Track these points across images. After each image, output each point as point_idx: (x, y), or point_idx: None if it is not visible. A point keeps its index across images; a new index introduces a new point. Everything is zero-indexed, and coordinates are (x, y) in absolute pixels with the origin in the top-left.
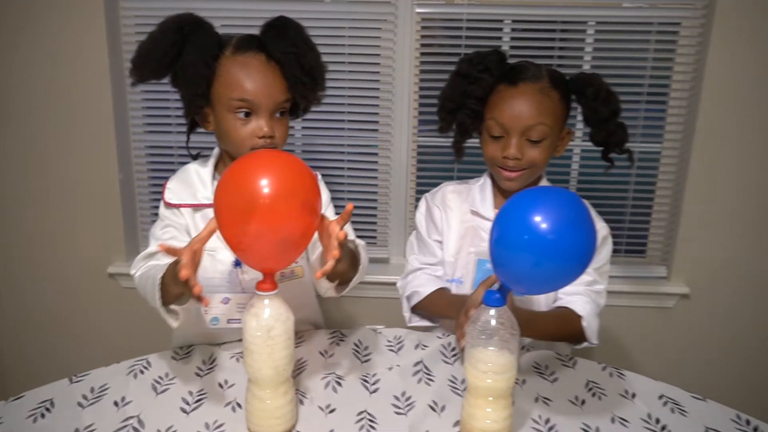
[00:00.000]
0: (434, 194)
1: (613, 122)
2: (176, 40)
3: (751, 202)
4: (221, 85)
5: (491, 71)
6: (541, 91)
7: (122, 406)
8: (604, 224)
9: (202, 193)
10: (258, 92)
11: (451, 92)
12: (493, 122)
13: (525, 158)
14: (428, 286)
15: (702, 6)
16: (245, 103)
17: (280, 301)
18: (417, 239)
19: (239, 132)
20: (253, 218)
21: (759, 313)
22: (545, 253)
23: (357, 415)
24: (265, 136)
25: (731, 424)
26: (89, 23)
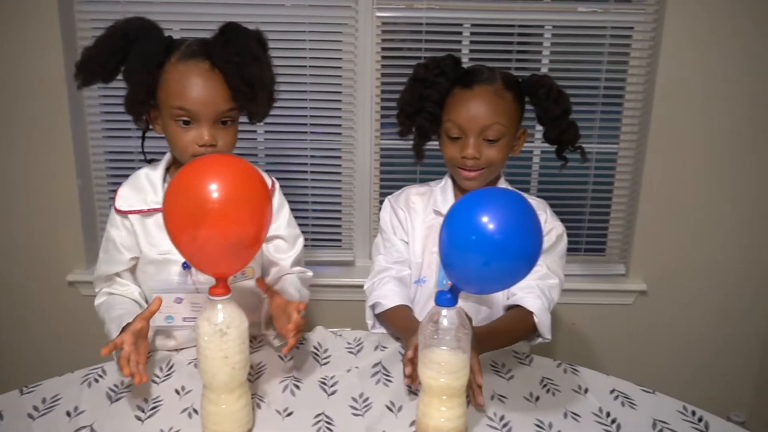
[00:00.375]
0: (397, 197)
1: (564, 120)
2: (121, 45)
3: (704, 200)
4: (164, 92)
5: (447, 75)
6: (495, 93)
7: (75, 416)
8: (560, 224)
9: (152, 197)
10: (198, 101)
11: (409, 97)
12: (450, 124)
13: (483, 158)
14: (391, 299)
15: (653, 11)
16: (184, 111)
17: (233, 305)
18: (382, 239)
19: (180, 139)
20: (202, 223)
21: (713, 308)
22: (493, 253)
23: (314, 418)
24: (205, 145)
25: (678, 415)
26: (43, 26)
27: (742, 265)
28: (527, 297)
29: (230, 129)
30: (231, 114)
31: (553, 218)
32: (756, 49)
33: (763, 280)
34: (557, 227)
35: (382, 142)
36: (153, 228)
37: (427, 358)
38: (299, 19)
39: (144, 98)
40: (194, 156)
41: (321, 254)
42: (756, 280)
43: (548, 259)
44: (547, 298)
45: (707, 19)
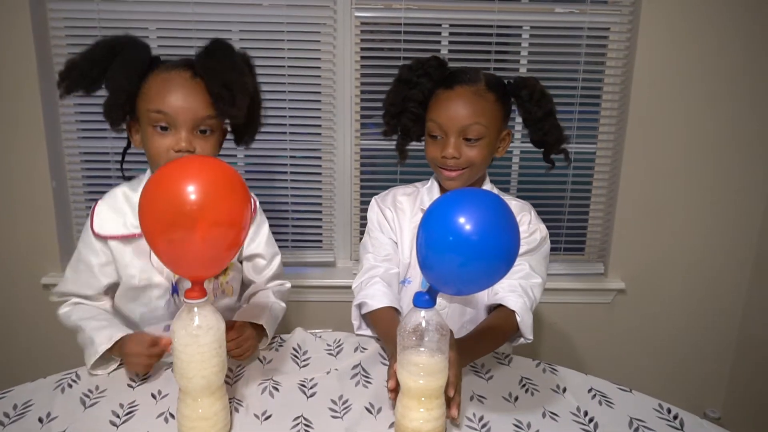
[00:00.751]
0: (384, 197)
1: (548, 122)
2: (105, 55)
3: (681, 199)
4: (143, 99)
5: (430, 76)
6: (476, 93)
7: (47, 422)
8: (544, 227)
9: (131, 220)
10: (176, 105)
11: (393, 97)
12: (432, 124)
13: (463, 157)
14: (378, 300)
15: (629, 12)
16: (162, 115)
17: (210, 308)
18: (370, 238)
19: (156, 144)
20: (180, 225)
21: (689, 306)
22: (470, 253)
23: (293, 421)
24: (182, 150)
25: (653, 413)
26: (15, 25)
27: (717, 264)
28: (509, 296)
29: (209, 139)
30: (210, 122)
31: (537, 221)
32: (732, 47)
33: (736, 279)
34: (541, 229)
35: (362, 142)
36: (135, 258)
37: (406, 360)
38: (277, 19)
39: (122, 103)
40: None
41: (302, 255)
42: (730, 278)
43: (532, 259)
44: (530, 297)
45: (682, 19)
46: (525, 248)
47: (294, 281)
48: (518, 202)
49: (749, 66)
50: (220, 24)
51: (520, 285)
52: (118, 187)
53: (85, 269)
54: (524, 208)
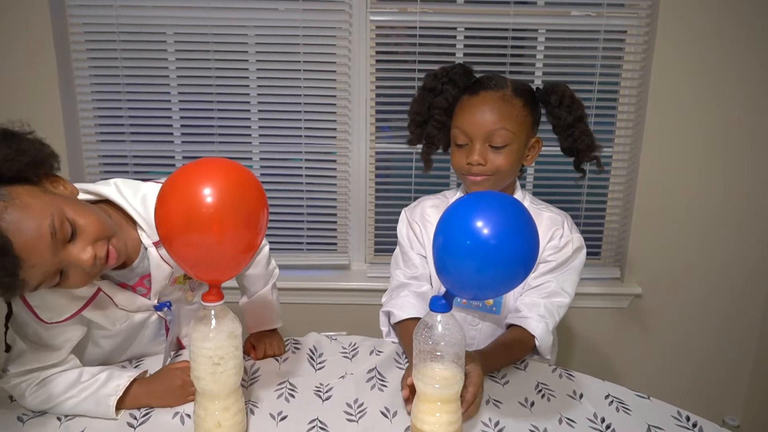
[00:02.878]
0: (413, 210)
1: (578, 128)
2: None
3: (699, 203)
4: None
5: (455, 83)
6: (502, 98)
7: (65, 421)
8: (579, 236)
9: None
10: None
11: (418, 106)
12: (457, 131)
13: (489, 164)
14: (406, 311)
15: (646, 15)
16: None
17: (227, 311)
18: (401, 253)
19: (71, 283)
20: (196, 229)
21: (707, 311)
22: (488, 258)
23: (308, 423)
24: (91, 260)
25: (672, 421)
26: (35, 30)
27: (736, 269)
28: (530, 318)
29: (86, 229)
30: (67, 228)
31: (572, 230)
32: (749, 51)
33: (756, 284)
34: (575, 240)
35: (377, 145)
36: (103, 308)
37: (422, 365)
38: (293, 23)
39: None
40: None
41: (316, 258)
42: (749, 283)
43: (561, 276)
44: (552, 318)
45: (700, 22)
46: (554, 263)
47: (308, 284)
48: (553, 213)
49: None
50: (237, 28)
51: (544, 305)
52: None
53: (42, 344)
54: (557, 221)
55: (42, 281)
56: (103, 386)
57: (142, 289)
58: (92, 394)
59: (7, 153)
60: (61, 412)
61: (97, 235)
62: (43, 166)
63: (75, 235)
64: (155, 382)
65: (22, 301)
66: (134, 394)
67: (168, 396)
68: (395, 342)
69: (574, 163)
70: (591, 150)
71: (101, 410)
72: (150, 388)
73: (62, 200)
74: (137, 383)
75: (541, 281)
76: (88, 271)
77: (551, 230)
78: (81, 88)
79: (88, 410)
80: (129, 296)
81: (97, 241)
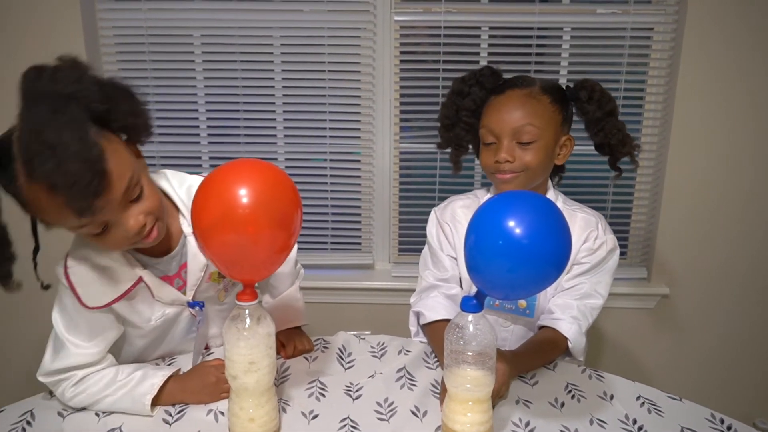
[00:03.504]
0: (443, 210)
1: (608, 122)
2: None
3: (727, 202)
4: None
5: (482, 84)
6: (528, 95)
7: (103, 417)
8: (613, 237)
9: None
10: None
11: (447, 110)
12: (484, 130)
13: (517, 161)
14: (436, 312)
15: (673, 11)
16: (88, 228)
17: (261, 310)
18: (430, 254)
19: (109, 243)
20: (232, 228)
21: (737, 311)
22: (520, 258)
23: (340, 422)
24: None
25: (706, 423)
26: (66, 32)
27: (766, 269)
28: (562, 320)
29: (148, 194)
30: (134, 190)
31: (606, 232)
32: None
33: None
34: (609, 241)
35: (401, 145)
36: (140, 301)
37: (453, 365)
38: (318, 24)
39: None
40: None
41: (340, 257)
42: None
43: (595, 277)
44: (585, 320)
45: (729, 18)
46: (587, 265)
47: (332, 283)
48: (587, 214)
49: None
50: (262, 30)
51: (577, 307)
52: (78, 249)
53: (82, 338)
54: (591, 222)
55: (90, 222)
56: (138, 385)
57: (179, 281)
58: (128, 392)
59: (130, 108)
60: (99, 409)
61: (151, 209)
62: (145, 134)
63: (137, 201)
64: (189, 380)
65: (67, 281)
66: (169, 392)
67: (202, 393)
68: (423, 342)
69: (610, 162)
70: (624, 145)
71: (137, 408)
72: (184, 385)
73: (141, 166)
74: (172, 380)
75: (574, 283)
76: (129, 236)
77: (586, 232)
78: None
79: (125, 408)
80: (166, 288)
81: (149, 215)
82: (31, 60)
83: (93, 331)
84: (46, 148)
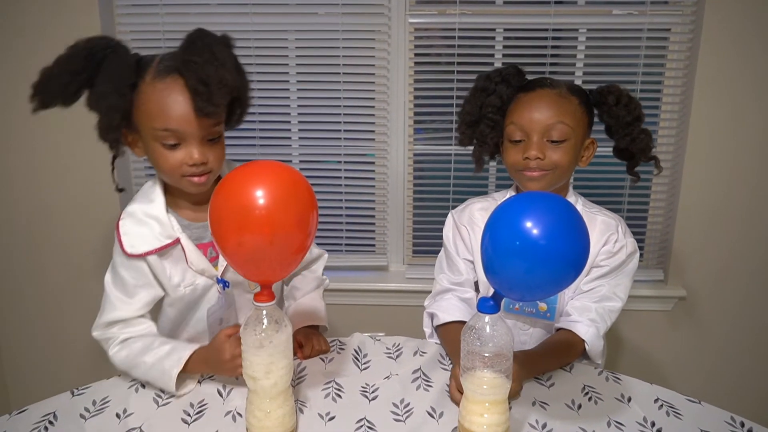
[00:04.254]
0: (461, 212)
1: (636, 127)
2: (86, 65)
3: (745, 203)
4: (143, 114)
5: (509, 82)
6: (559, 95)
7: (124, 417)
8: (632, 240)
9: (161, 232)
10: (183, 119)
11: (470, 107)
12: (513, 126)
13: (547, 159)
14: (450, 314)
15: (690, 12)
16: (170, 132)
17: (278, 311)
18: (446, 257)
19: (168, 161)
20: (249, 229)
21: (755, 313)
22: (537, 259)
23: (356, 423)
24: (196, 164)
25: (726, 427)
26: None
27: None
28: (580, 323)
29: (218, 145)
30: (217, 129)
31: (626, 235)
32: None
33: None
34: (629, 244)
35: (415, 147)
36: (172, 263)
37: (470, 366)
38: (333, 27)
39: (119, 123)
40: (185, 177)
41: (355, 259)
42: None
43: (614, 280)
44: (603, 323)
45: (747, 18)
46: (607, 268)
47: (347, 285)
48: (606, 217)
49: None
50: (277, 33)
51: (595, 309)
52: (130, 206)
53: (123, 292)
54: (611, 225)
55: (179, 130)
56: (166, 358)
57: (213, 252)
58: (159, 362)
59: (244, 82)
60: (135, 376)
61: (214, 158)
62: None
63: (209, 144)
64: (209, 352)
65: (116, 230)
66: (193, 363)
67: (219, 368)
68: (438, 343)
69: (628, 167)
70: (649, 150)
71: (164, 380)
72: (205, 357)
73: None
74: (195, 354)
75: (592, 285)
76: (186, 162)
77: (606, 235)
78: None
79: (154, 378)
80: (199, 256)
81: (209, 162)
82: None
83: (134, 287)
84: (211, 55)
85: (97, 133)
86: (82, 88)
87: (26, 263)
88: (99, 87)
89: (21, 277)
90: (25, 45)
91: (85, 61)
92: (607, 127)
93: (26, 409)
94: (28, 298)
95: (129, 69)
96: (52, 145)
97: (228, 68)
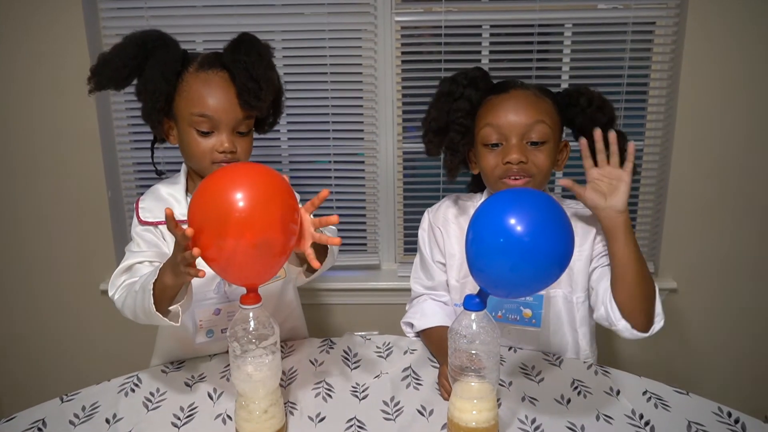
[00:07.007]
0: (436, 211)
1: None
2: (138, 53)
3: (733, 195)
4: (183, 100)
5: (476, 85)
6: (534, 95)
7: (114, 423)
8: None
9: (177, 209)
10: (219, 108)
11: (436, 113)
12: (489, 128)
13: (530, 162)
14: (428, 319)
15: (675, 5)
16: (206, 118)
17: (265, 313)
18: (420, 262)
19: (200, 146)
20: (229, 232)
21: (745, 305)
22: (521, 256)
23: (346, 423)
24: (225, 152)
25: (713, 417)
26: (71, 41)
27: None
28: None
29: (247, 138)
30: (248, 122)
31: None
32: None
33: None
34: None
35: (404, 145)
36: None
37: (458, 363)
38: (319, 27)
39: (162, 106)
40: (214, 164)
41: (346, 258)
42: None
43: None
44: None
45: (732, 11)
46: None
47: (339, 284)
48: (586, 209)
49: None
50: (264, 34)
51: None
52: (157, 185)
53: (137, 246)
54: (593, 217)
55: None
56: (148, 276)
57: None
58: (142, 285)
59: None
60: (129, 311)
61: (241, 149)
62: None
63: (239, 136)
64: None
65: (136, 203)
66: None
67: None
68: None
69: None
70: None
71: (146, 298)
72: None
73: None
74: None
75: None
76: (216, 149)
77: (596, 225)
78: (115, 98)
79: (142, 301)
80: None
81: (236, 151)
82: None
83: (147, 243)
84: (258, 56)
85: (142, 114)
86: (132, 73)
87: (14, 269)
88: (148, 72)
89: (8, 283)
90: (7, 47)
91: (137, 49)
92: (581, 129)
93: (15, 416)
94: (16, 300)
95: (176, 59)
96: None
97: (275, 70)
